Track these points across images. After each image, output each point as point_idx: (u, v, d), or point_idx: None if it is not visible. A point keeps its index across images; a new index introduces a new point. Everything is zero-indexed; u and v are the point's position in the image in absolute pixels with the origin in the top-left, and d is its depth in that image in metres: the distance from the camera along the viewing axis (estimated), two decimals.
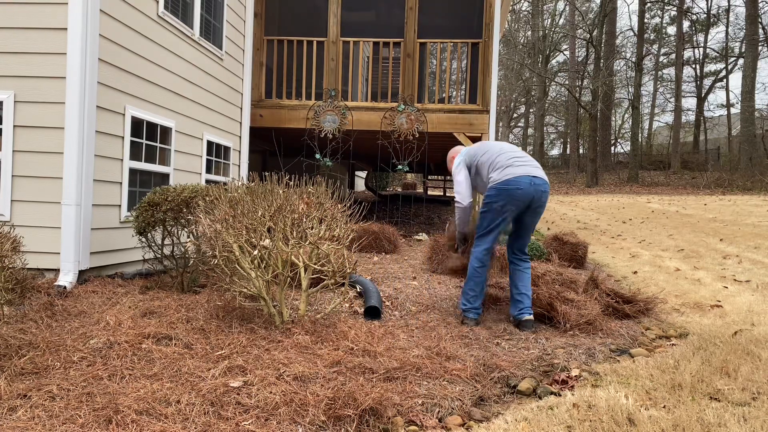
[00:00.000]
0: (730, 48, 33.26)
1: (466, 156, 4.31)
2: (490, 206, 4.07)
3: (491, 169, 4.13)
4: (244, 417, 2.37)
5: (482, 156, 4.22)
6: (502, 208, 4.03)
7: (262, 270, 3.66)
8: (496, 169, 4.10)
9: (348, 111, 8.60)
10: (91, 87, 4.83)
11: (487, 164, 4.17)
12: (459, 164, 4.29)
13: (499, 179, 4.04)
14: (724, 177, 25.30)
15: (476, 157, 4.25)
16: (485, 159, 4.20)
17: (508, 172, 4.04)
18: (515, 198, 4.00)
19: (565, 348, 3.64)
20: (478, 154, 4.26)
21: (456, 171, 4.30)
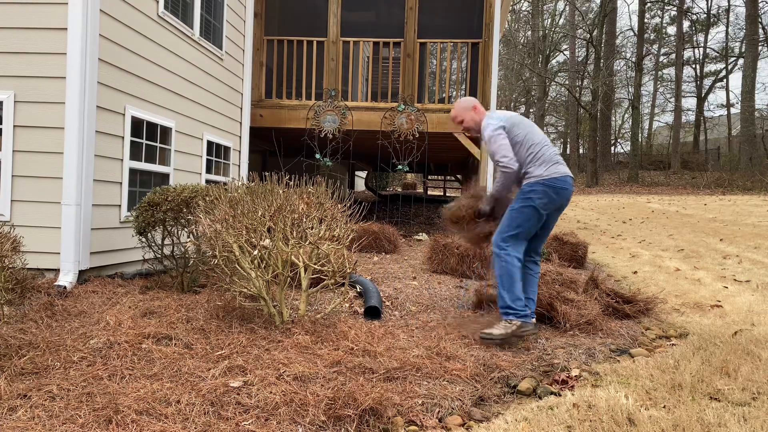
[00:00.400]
0: (730, 48, 33.27)
1: (505, 122, 3.78)
2: (531, 201, 3.68)
3: (535, 159, 3.73)
4: (244, 417, 2.37)
5: (520, 135, 3.76)
6: (544, 207, 3.69)
7: (262, 270, 3.66)
8: (544, 163, 3.72)
9: (348, 111, 8.60)
10: (91, 87, 4.83)
11: (528, 151, 3.75)
12: (498, 128, 3.73)
13: (548, 175, 3.68)
14: (724, 177, 25.30)
15: (512, 132, 3.77)
16: (525, 141, 3.76)
17: (557, 170, 3.73)
18: (559, 198, 3.73)
19: (565, 348, 3.64)
20: (515, 128, 3.77)
21: (495, 134, 3.73)
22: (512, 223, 3.71)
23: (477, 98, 8.84)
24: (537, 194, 3.67)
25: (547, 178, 3.68)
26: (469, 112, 3.98)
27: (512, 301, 3.61)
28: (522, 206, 3.70)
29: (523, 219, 3.69)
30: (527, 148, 3.76)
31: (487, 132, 3.77)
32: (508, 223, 3.72)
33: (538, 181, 3.68)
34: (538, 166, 3.71)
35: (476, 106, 4.00)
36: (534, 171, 3.72)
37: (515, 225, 3.70)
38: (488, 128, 3.76)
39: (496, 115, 3.85)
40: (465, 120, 4.00)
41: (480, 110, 3.99)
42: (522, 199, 3.71)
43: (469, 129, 4.01)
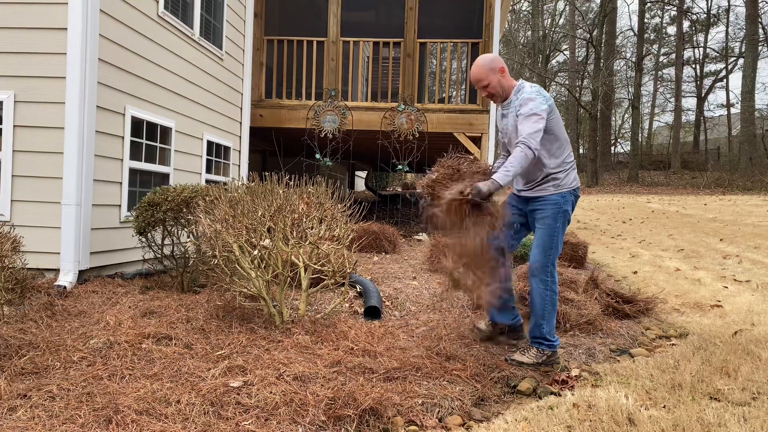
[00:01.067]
0: (730, 48, 33.27)
1: (548, 106, 3.21)
2: (567, 215, 3.29)
3: (566, 163, 3.29)
4: (244, 417, 2.37)
5: (556, 127, 3.28)
6: (570, 219, 3.34)
7: (262, 270, 3.66)
8: (570, 169, 3.31)
9: (348, 111, 8.60)
10: (91, 87, 4.83)
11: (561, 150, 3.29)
12: (544, 110, 3.16)
13: (576, 185, 3.33)
14: (724, 177, 25.31)
15: (550, 120, 3.24)
16: (560, 136, 3.30)
17: (578, 179, 3.39)
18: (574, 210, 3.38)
19: (565, 348, 3.64)
20: (554, 115, 3.26)
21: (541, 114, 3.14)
22: (556, 243, 3.25)
23: (477, 98, 8.84)
24: (570, 206, 3.30)
25: (573, 188, 3.32)
26: (496, 75, 3.31)
27: (549, 333, 3.29)
28: (562, 222, 3.27)
29: (559, 237, 3.27)
30: (561, 146, 3.28)
31: (530, 106, 3.15)
32: (552, 243, 3.24)
33: (570, 191, 3.29)
34: (570, 171, 3.31)
35: (504, 68, 3.36)
36: (566, 178, 3.28)
37: (558, 245, 3.27)
38: (532, 104, 3.15)
39: (541, 90, 3.25)
40: (491, 83, 3.31)
41: (508, 74, 3.36)
42: (560, 213, 3.24)
43: (493, 95, 3.36)
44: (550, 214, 3.26)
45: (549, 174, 3.28)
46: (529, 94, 3.22)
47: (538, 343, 3.30)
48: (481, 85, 3.35)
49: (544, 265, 3.26)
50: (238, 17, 8.13)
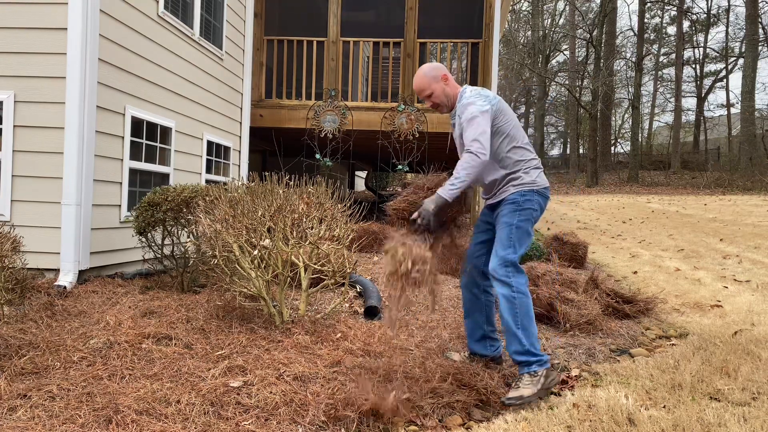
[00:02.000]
0: (730, 48, 33.27)
1: (493, 105, 3.03)
2: (531, 215, 3.02)
3: (524, 161, 3.06)
4: (244, 417, 2.37)
5: (506, 126, 3.05)
6: (536, 220, 3.10)
7: (262, 270, 3.66)
8: (536, 168, 3.09)
9: (348, 111, 8.60)
10: (91, 87, 4.83)
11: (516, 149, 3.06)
12: (486, 111, 2.96)
13: (540, 184, 3.06)
14: (724, 177, 25.31)
15: (498, 120, 3.04)
16: (513, 136, 3.06)
17: (545, 179, 3.14)
18: (541, 214, 3.12)
19: (565, 348, 3.64)
20: (502, 116, 3.05)
21: (482, 117, 2.93)
22: (518, 242, 2.96)
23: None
24: (534, 205, 3.02)
25: (540, 186, 3.06)
26: (439, 83, 3.10)
27: (531, 345, 2.85)
28: (523, 220, 2.98)
29: (527, 236, 3.01)
30: (514, 145, 3.06)
31: (470, 110, 2.96)
32: (512, 241, 2.94)
33: (533, 189, 3.02)
34: (531, 170, 3.06)
35: (446, 75, 3.13)
36: (526, 176, 3.04)
37: (521, 244, 2.97)
38: (472, 107, 2.96)
39: (481, 92, 3.06)
40: (434, 93, 3.11)
41: (452, 81, 3.16)
42: (519, 211, 2.99)
43: (438, 106, 3.16)
44: (507, 212, 3.00)
45: (507, 175, 3.05)
46: (468, 98, 3.02)
47: (525, 363, 2.82)
48: (425, 95, 3.15)
49: (502, 266, 2.89)
50: (238, 17, 8.13)
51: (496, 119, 3.02)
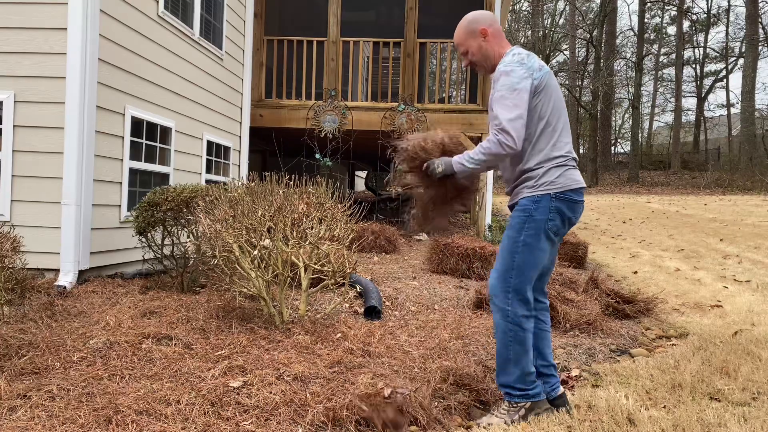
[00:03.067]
0: (730, 48, 33.28)
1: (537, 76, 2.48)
2: (542, 230, 2.49)
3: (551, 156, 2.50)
4: (244, 417, 2.37)
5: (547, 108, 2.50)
6: (557, 232, 2.54)
7: (262, 270, 3.66)
8: (554, 166, 2.50)
9: (348, 111, 8.60)
10: (91, 87, 4.83)
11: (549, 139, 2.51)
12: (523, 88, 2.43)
13: (561, 185, 2.48)
14: (724, 177, 25.31)
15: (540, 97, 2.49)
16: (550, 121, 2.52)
17: (575, 178, 2.53)
18: (575, 218, 2.59)
19: (565, 348, 3.64)
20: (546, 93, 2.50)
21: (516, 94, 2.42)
22: (519, 263, 2.49)
23: (477, 98, 8.84)
24: (549, 213, 2.48)
25: (561, 189, 2.48)
26: (476, 39, 2.61)
27: (518, 381, 2.52)
28: (531, 234, 2.48)
29: (536, 255, 2.50)
30: (548, 134, 2.50)
31: (503, 82, 2.45)
32: (512, 262, 2.50)
33: (549, 193, 2.47)
34: (553, 168, 2.49)
35: (486, 28, 2.60)
36: (545, 176, 2.49)
37: (529, 267, 2.50)
38: (507, 78, 2.44)
39: (526, 59, 2.49)
40: (470, 50, 2.64)
41: (495, 38, 2.61)
42: (527, 222, 2.49)
43: (475, 64, 2.68)
44: (515, 223, 2.53)
45: (524, 171, 2.54)
46: (507, 64, 2.48)
47: (508, 393, 2.55)
48: (461, 52, 2.69)
49: (503, 290, 2.51)
50: (238, 17, 8.12)
51: (538, 96, 2.48)
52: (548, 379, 2.66)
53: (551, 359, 2.69)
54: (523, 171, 2.54)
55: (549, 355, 2.68)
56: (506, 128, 2.39)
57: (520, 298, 2.50)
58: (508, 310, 2.50)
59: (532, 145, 2.50)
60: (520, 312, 2.49)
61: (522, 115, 2.41)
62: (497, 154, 2.45)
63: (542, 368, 2.66)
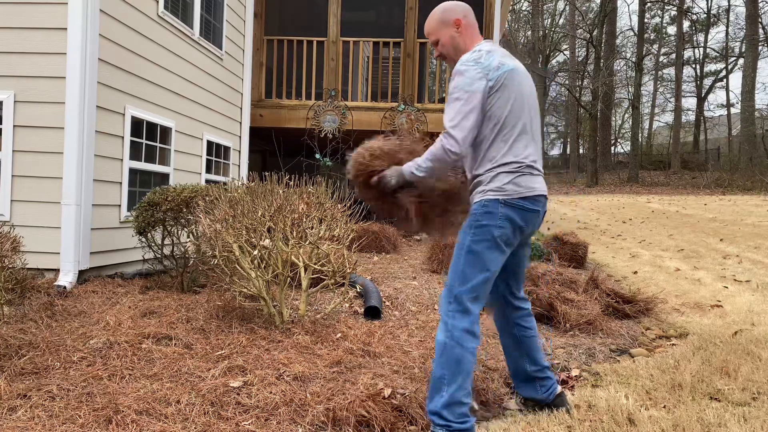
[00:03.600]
0: (730, 48, 33.29)
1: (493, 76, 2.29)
2: (489, 237, 2.29)
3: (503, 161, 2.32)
4: (244, 417, 2.37)
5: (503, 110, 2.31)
6: (507, 241, 2.32)
7: (262, 270, 3.66)
8: (504, 172, 2.32)
9: (348, 111, 8.60)
10: (91, 87, 4.83)
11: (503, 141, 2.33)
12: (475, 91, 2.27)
13: (511, 192, 2.30)
14: (724, 177, 25.31)
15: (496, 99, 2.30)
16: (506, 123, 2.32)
17: (531, 185, 2.35)
18: (528, 228, 2.39)
19: (565, 348, 3.64)
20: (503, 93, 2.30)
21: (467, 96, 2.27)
22: (469, 270, 2.28)
23: None
24: (497, 220, 2.28)
25: (511, 196, 2.30)
26: (449, 29, 2.46)
27: (446, 407, 2.22)
28: (478, 240, 2.29)
29: (482, 263, 2.28)
30: (504, 137, 2.32)
31: (457, 82, 2.31)
32: (457, 269, 2.30)
33: (498, 198, 2.29)
34: (502, 174, 2.31)
35: (460, 20, 2.46)
36: (493, 180, 2.32)
37: (474, 274, 2.28)
38: (460, 78, 2.30)
39: (484, 58, 2.31)
40: (441, 40, 2.49)
41: (467, 30, 2.46)
42: (475, 228, 2.30)
43: (445, 56, 2.53)
44: (464, 227, 2.36)
45: (475, 176, 2.39)
46: (462, 63, 2.31)
47: (433, 422, 2.26)
48: (431, 42, 2.53)
49: (446, 299, 2.30)
50: (238, 17, 8.13)
51: (493, 99, 2.30)
52: (544, 382, 2.60)
53: (543, 362, 2.60)
54: (475, 176, 2.40)
55: (541, 359, 2.59)
56: (451, 132, 2.28)
57: (461, 309, 2.26)
58: (449, 323, 2.26)
59: (485, 149, 2.35)
60: (460, 325, 2.24)
61: (470, 118, 2.27)
62: (442, 160, 2.32)
63: (535, 373, 2.59)
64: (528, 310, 2.61)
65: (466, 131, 2.27)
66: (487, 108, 2.31)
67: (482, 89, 2.27)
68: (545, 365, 2.61)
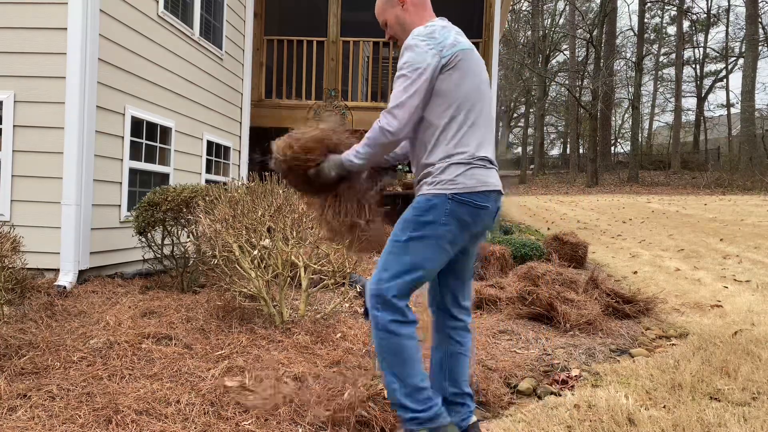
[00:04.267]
0: (730, 48, 33.29)
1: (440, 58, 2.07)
2: (432, 234, 2.08)
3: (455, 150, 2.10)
4: (244, 417, 2.37)
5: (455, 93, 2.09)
6: (452, 240, 2.11)
7: (262, 270, 3.66)
8: (455, 163, 2.09)
9: (348, 111, 8.60)
10: (91, 87, 4.83)
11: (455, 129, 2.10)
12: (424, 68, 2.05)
13: (462, 186, 2.08)
14: (724, 177, 25.32)
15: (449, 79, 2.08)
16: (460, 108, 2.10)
17: (485, 179, 2.11)
18: (477, 226, 2.13)
19: (565, 348, 3.64)
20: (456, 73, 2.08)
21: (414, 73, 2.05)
22: (397, 262, 2.10)
23: None
24: (444, 217, 2.07)
25: (460, 190, 2.07)
26: (395, 9, 2.28)
27: (406, 397, 2.11)
28: (417, 237, 2.09)
29: (419, 261, 2.09)
30: (458, 124, 2.11)
31: (405, 58, 2.09)
32: (392, 263, 2.11)
33: (446, 193, 2.08)
34: (453, 166, 2.09)
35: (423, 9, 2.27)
36: (444, 172, 2.10)
37: (404, 268, 2.09)
38: (410, 54, 2.08)
39: (437, 33, 2.11)
40: (388, 21, 2.31)
41: (414, 6, 2.27)
42: (417, 222, 2.10)
43: (395, 38, 2.34)
44: (403, 219, 2.16)
45: (425, 165, 2.16)
46: (413, 38, 2.10)
47: (401, 418, 2.17)
48: (381, 24, 2.36)
49: (374, 291, 2.11)
50: (238, 17, 8.13)
51: (443, 75, 2.07)
52: (458, 408, 2.30)
53: (466, 388, 2.31)
54: (425, 165, 2.16)
55: (464, 383, 2.30)
56: (393, 111, 2.05)
57: (385, 305, 2.09)
58: (377, 315, 2.11)
59: (437, 136, 2.11)
60: (387, 317, 2.09)
61: (415, 97, 2.04)
62: (379, 143, 2.09)
63: (453, 396, 2.31)
64: (466, 323, 2.34)
65: (410, 110, 2.05)
66: (439, 87, 2.08)
67: (433, 66, 2.05)
68: (467, 392, 2.32)
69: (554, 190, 26.88)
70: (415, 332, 2.14)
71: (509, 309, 4.35)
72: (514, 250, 6.45)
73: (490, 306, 4.55)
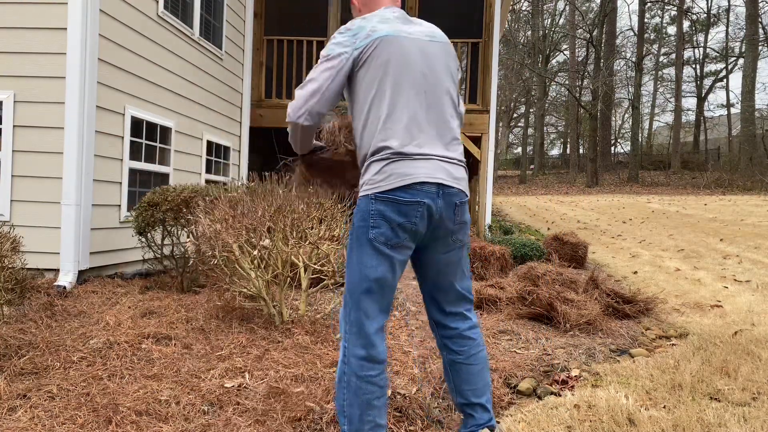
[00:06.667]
0: (730, 48, 33.28)
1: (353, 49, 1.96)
2: (363, 238, 1.94)
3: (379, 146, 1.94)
4: (244, 417, 2.37)
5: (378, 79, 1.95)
6: (389, 244, 1.91)
7: (262, 270, 3.66)
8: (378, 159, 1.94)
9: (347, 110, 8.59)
10: (90, 87, 4.83)
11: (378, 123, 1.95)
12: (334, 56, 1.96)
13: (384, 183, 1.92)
14: (724, 177, 25.31)
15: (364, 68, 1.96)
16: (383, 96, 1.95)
17: (400, 172, 1.91)
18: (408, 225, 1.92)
19: (565, 348, 3.64)
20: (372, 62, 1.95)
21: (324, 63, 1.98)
22: (348, 282, 1.97)
23: (477, 98, 8.83)
24: (366, 220, 1.93)
25: (381, 188, 1.91)
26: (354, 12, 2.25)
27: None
28: (354, 246, 1.96)
29: (361, 272, 1.92)
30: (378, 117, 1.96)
31: (327, 45, 2.01)
32: (349, 281, 1.97)
33: (368, 194, 1.94)
34: (375, 163, 1.95)
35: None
36: (366, 171, 1.99)
37: (354, 286, 1.94)
38: (331, 41, 2.02)
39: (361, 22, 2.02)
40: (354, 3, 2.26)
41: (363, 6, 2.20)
42: (351, 233, 2.00)
43: None
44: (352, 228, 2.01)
45: (360, 165, 2.06)
46: (339, 29, 2.04)
47: None
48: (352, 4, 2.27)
49: (343, 317, 1.98)
50: (238, 17, 8.13)
51: (360, 68, 1.96)
52: (466, 419, 2.17)
53: (473, 398, 2.13)
54: (361, 164, 2.06)
55: (469, 392, 2.13)
56: (294, 96, 2.02)
57: (355, 332, 1.91)
58: (345, 346, 1.93)
59: (360, 132, 2.02)
60: (354, 351, 1.90)
61: (308, 87, 1.97)
62: (290, 130, 2.09)
63: (461, 407, 2.18)
64: (458, 331, 2.11)
65: (304, 96, 1.97)
66: (359, 80, 1.98)
67: (340, 60, 1.96)
68: (473, 401, 2.14)
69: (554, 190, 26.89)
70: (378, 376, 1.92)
71: (509, 309, 4.35)
72: (514, 250, 6.45)
73: (490, 306, 4.55)
